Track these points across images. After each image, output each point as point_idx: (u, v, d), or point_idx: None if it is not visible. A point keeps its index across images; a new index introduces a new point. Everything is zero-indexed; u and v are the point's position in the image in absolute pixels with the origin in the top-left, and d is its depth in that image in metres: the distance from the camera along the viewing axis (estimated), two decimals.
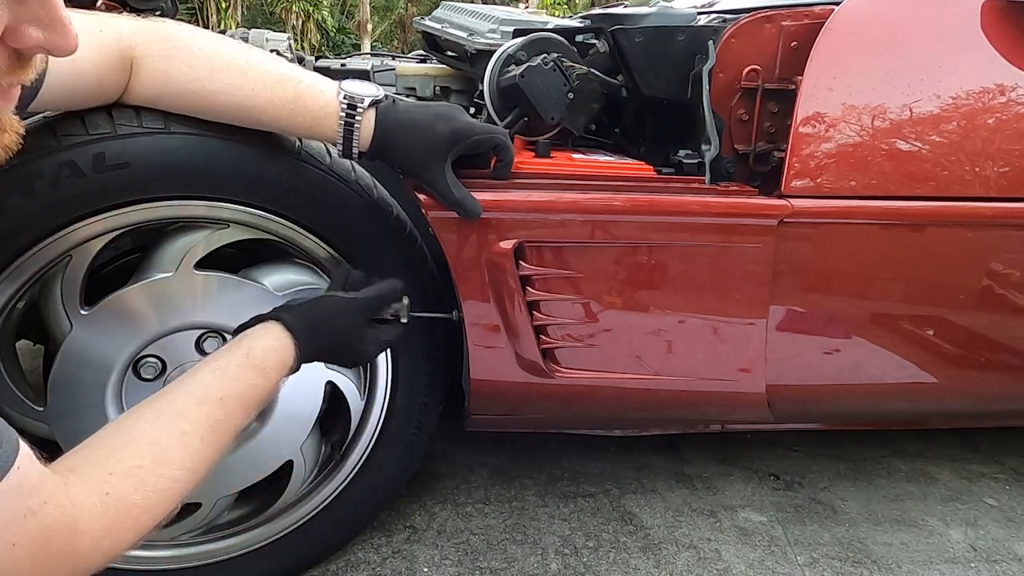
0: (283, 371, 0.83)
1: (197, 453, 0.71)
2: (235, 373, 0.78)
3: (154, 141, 0.87)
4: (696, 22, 1.13)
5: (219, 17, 15.01)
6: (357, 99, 0.88)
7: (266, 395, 0.81)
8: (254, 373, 0.79)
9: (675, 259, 1.08)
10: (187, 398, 0.74)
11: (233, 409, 0.76)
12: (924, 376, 1.24)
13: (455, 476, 1.45)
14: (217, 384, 0.76)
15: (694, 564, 1.25)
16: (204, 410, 0.73)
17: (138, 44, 0.84)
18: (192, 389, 0.75)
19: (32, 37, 0.45)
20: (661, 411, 1.28)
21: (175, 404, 0.73)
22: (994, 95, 1.10)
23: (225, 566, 1.09)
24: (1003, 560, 1.30)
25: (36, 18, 0.45)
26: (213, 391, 0.75)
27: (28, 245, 0.87)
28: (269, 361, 0.81)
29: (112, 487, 0.64)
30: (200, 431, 0.72)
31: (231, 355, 0.80)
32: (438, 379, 1.14)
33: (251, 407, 0.79)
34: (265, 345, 0.82)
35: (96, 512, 0.62)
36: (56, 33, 0.46)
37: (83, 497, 0.62)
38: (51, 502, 0.58)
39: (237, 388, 0.77)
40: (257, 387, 0.79)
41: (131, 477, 0.65)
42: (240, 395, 0.77)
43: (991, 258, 1.17)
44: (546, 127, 1.11)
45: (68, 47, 0.47)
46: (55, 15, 0.45)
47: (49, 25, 0.45)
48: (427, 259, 1.08)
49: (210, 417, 0.73)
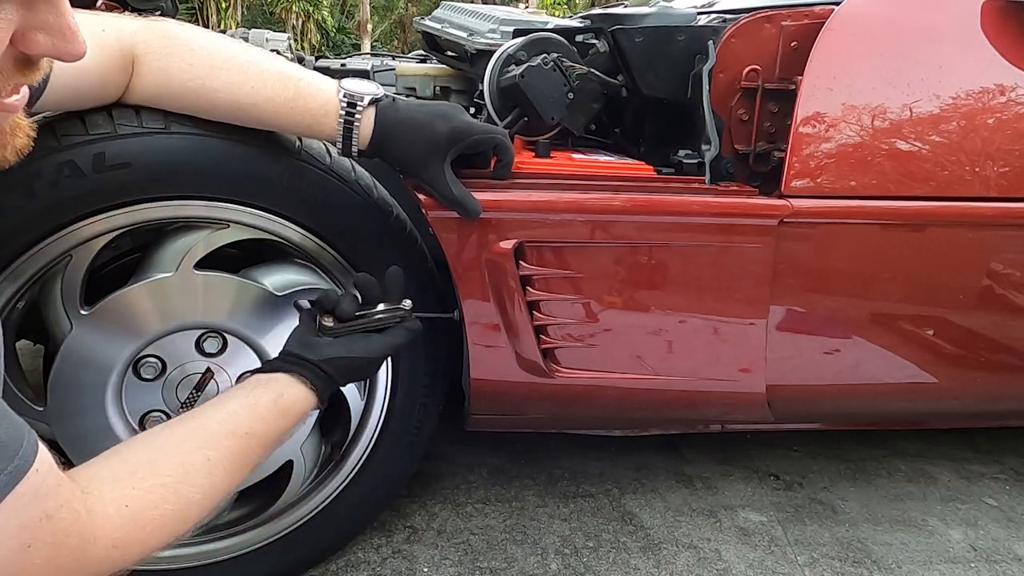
0: (302, 420, 0.85)
1: (219, 481, 0.72)
2: (264, 413, 0.79)
3: (154, 141, 0.87)
4: (696, 22, 1.13)
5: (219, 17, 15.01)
6: (357, 97, 0.89)
7: (282, 440, 0.83)
8: (279, 416, 0.81)
9: (675, 259, 1.08)
10: (218, 427, 0.75)
11: (255, 446, 0.78)
12: (924, 376, 1.24)
13: (455, 476, 1.45)
14: (247, 420, 0.78)
15: (694, 564, 1.25)
16: (232, 442, 0.75)
17: (139, 43, 0.84)
18: (223, 419, 0.76)
19: (41, 43, 0.45)
20: (661, 411, 1.28)
21: (205, 430, 0.75)
22: (994, 95, 1.10)
23: (225, 566, 1.09)
24: (1003, 560, 1.30)
25: (45, 24, 0.45)
26: (242, 425, 0.77)
27: (28, 245, 0.87)
28: (294, 408, 0.83)
29: (132, 500, 0.65)
30: (224, 461, 0.73)
31: (264, 393, 0.81)
32: (438, 379, 1.14)
33: (269, 448, 0.80)
34: (295, 394, 0.83)
35: (112, 523, 0.63)
36: (65, 39, 0.46)
37: (100, 506, 0.62)
38: (66, 507, 0.59)
39: (262, 427, 0.78)
40: (279, 430, 0.81)
41: (153, 494, 0.66)
42: (263, 434, 0.79)
43: (991, 258, 1.17)
44: (546, 127, 1.10)
45: (77, 53, 0.47)
46: (64, 22, 0.45)
47: (58, 32, 0.45)
48: (427, 259, 1.08)
49: (235, 449, 0.75)
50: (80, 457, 0.95)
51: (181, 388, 1.00)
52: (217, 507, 0.74)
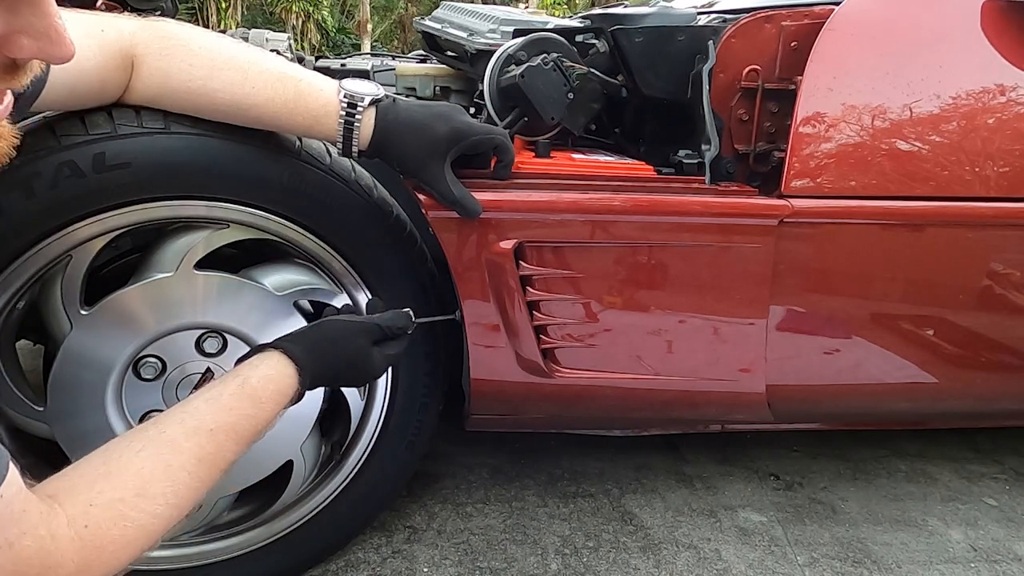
0: (282, 400, 0.80)
1: (183, 487, 0.69)
2: (229, 403, 0.75)
3: (154, 141, 0.87)
4: (696, 22, 1.13)
5: (219, 17, 15.00)
6: (357, 97, 0.89)
7: (262, 425, 0.78)
8: (248, 403, 0.76)
9: (675, 259, 1.08)
10: (178, 428, 0.71)
11: (224, 441, 0.73)
12: (924, 376, 1.24)
13: (455, 476, 1.45)
14: (210, 414, 0.74)
15: (694, 564, 1.25)
16: (194, 442, 0.71)
17: (139, 43, 0.84)
18: (184, 419, 0.73)
19: (26, 47, 0.44)
20: (661, 411, 1.28)
21: (165, 435, 0.71)
22: (994, 95, 1.10)
23: (225, 566, 1.09)
24: (1003, 560, 1.30)
25: (30, 27, 0.43)
26: (205, 422, 0.73)
27: (28, 245, 0.87)
28: (265, 391, 0.78)
29: (91, 519, 0.62)
30: (188, 464, 0.70)
31: (226, 384, 0.77)
32: (438, 379, 1.14)
33: (245, 438, 0.76)
34: (261, 374, 0.79)
35: (73, 545, 0.61)
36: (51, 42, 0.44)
37: (63, 529, 0.60)
38: (30, 533, 0.57)
39: (230, 418, 0.74)
40: (252, 417, 0.76)
41: (111, 510, 0.64)
42: (232, 425, 0.74)
43: (991, 258, 1.17)
44: (546, 127, 1.11)
45: (64, 56, 0.45)
46: (49, 24, 0.44)
47: (44, 35, 0.44)
48: (427, 259, 1.08)
49: (200, 449, 0.71)
50: (80, 458, 0.96)
51: (181, 388, 0.99)
52: (188, 512, 0.70)
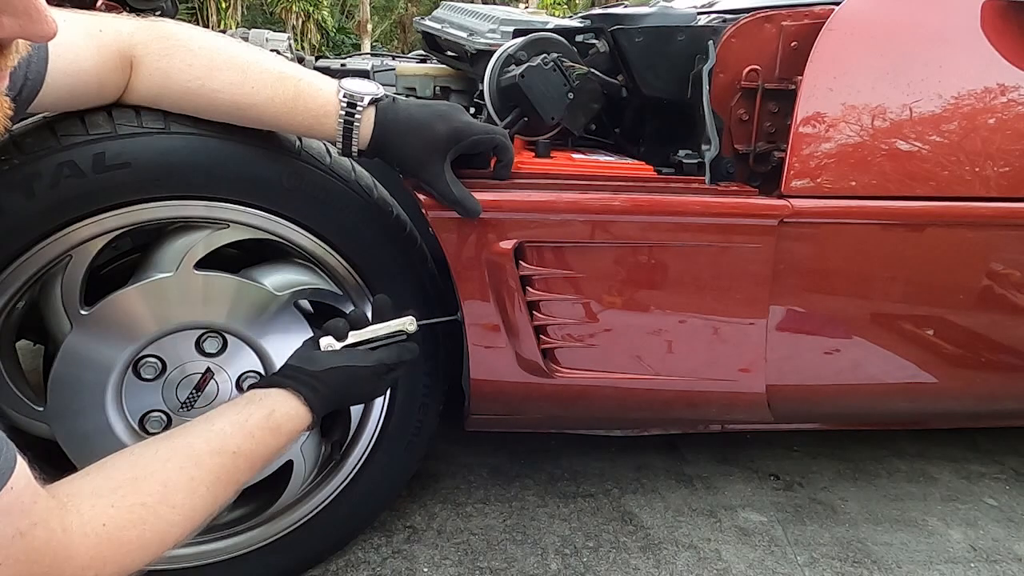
0: (293, 439, 0.84)
1: (200, 501, 0.72)
2: (253, 431, 0.79)
3: (154, 141, 0.87)
4: (696, 22, 1.13)
5: (219, 17, 15.00)
6: (357, 97, 0.89)
7: (273, 458, 0.82)
8: (270, 435, 0.80)
9: (675, 259, 1.08)
10: (204, 444, 0.74)
11: (242, 465, 0.77)
12: (924, 376, 1.24)
13: (455, 476, 1.45)
14: (235, 438, 0.77)
15: (694, 564, 1.25)
16: (217, 461, 0.74)
17: (138, 43, 0.84)
18: (210, 437, 0.76)
19: (7, 26, 0.44)
20: (661, 411, 1.28)
21: (191, 448, 0.74)
22: (994, 95, 1.10)
23: (225, 566, 1.09)
24: (1003, 560, 1.30)
25: (9, 6, 0.44)
26: (229, 444, 0.76)
27: (28, 245, 0.87)
28: (286, 427, 0.82)
29: (111, 519, 0.64)
30: (208, 480, 0.72)
31: (255, 411, 0.80)
32: (438, 379, 1.14)
33: (257, 466, 0.80)
34: (286, 411, 0.83)
35: (89, 541, 0.62)
36: (32, 20, 0.45)
37: (78, 524, 0.62)
38: (41, 524, 0.58)
39: (251, 445, 0.78)
40: (269, 448, 0.80)
41: (132, 513, 0.66)
42: (251, 452, 0.78)
43: (991, 258, 1.17)
44: (546, 127, 1.10)
45: (46, 33, 0.46)
46: (29, 2, 0.44)
47: (23, 12, 0.44)
48: (427, 259, 1.08)
49: (220, 469, 0.74)
50: (80, 457, 0.96)
51: (181, 388, 0.99)
52: (198, 527, 0.73)
